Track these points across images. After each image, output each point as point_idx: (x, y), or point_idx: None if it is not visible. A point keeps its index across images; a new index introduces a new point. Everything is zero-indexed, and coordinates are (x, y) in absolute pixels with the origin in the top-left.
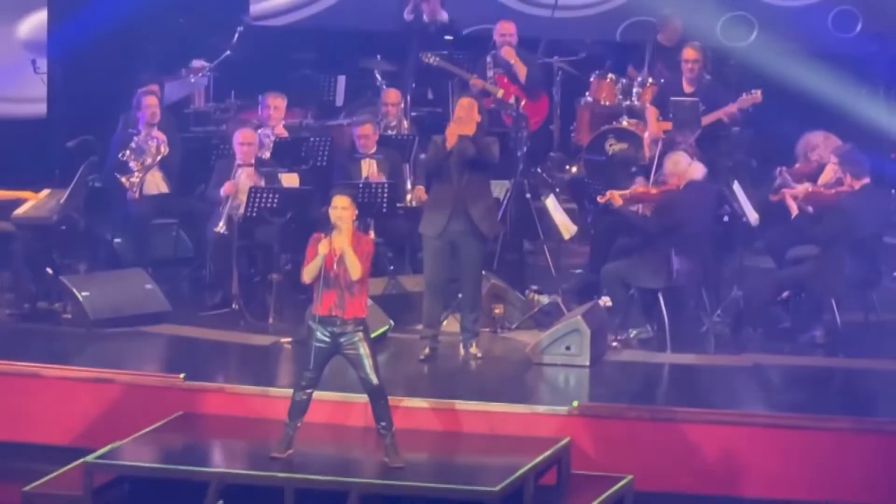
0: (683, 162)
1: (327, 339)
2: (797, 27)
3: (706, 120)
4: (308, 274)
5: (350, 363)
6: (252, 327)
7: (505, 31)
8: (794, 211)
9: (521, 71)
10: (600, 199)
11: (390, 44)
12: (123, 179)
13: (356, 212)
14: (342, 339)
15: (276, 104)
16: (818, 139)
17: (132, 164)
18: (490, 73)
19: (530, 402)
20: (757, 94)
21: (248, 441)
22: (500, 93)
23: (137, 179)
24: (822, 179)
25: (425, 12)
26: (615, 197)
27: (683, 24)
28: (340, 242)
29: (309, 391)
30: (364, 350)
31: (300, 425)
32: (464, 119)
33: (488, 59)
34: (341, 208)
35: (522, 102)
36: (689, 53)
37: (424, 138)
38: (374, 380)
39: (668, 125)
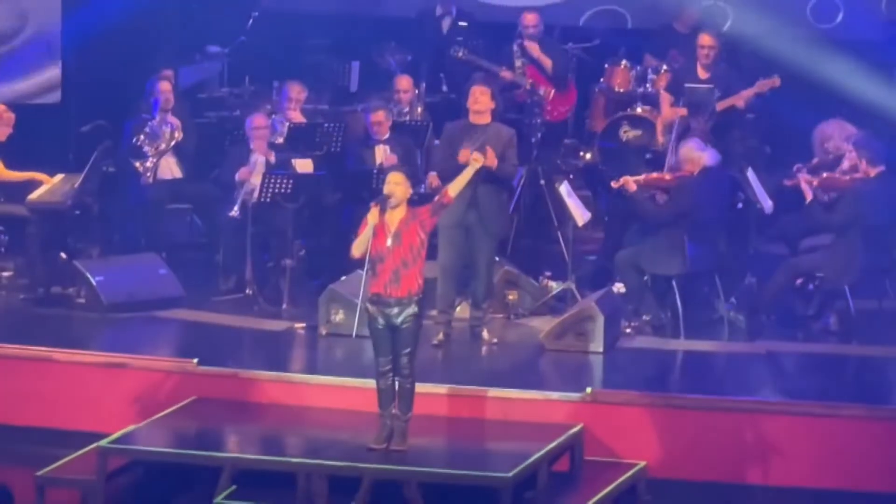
0: (697, 148)
1: (382, 322)
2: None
3: (722, 104)
4: (357, 248)
5: (398, 339)
6: (265, 313)
7: (529, 22)
8: (809, 196)
9: (546, 63)
10: (614, 185)
11: (405, 30)
12: (137, 164)
13: (410, 189)
14: (398, 319)
15: (298, 95)
16: (832, 129)
17: (146, 149)
18: (518, 64)
19: (543, 389)
20: (775, 79)
21: (262, 426)
22: (529, 83)
23: (151, 164)
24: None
25: (439, 5)
26: (629, 183)
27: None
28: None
29: (390, 376)
30: (410, 331)
31: (396, 413)
32: (479, 110)
33: (515, 48)
34: (394, 183)
35: (551, 92)
36: (704, 40)
37: (438, 125)
38: (408, 365)
39: (683, 111)
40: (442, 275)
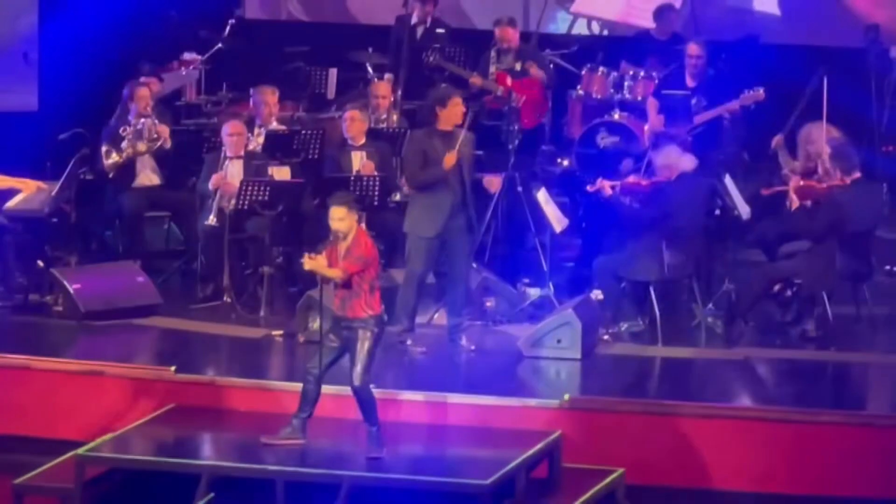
0: (674, 154)
1: (333, 338)
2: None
3: (708, 115)
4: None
5: (350, 354)
6: (243, 320)
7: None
8: (795, 203)
9: (539, 75)
10: (590, 188)
11: (382, 37)
12: (104, 149)
13: (356, 216)
14: (348, 335)
15: (270, 97)
16: (818, 132)
17: (124, 144)
18: (492, 70)
19: (521, 396)
20: (760, 92)
21: (239, 434)
22: (499, 90)
23: (119, 160)
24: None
25: (416, 12)
26: (605, 187)
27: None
28: (312, 266)
29: (314, 383)
30: (360, 349)
31: (305, 417)
32: (460, 122)
33: (492, 53)
34: (338, 219)
35: (522, 98)
36: (692, 49)
37: None
38: (357, 381)
39: (660, 118)
40: (412, 284)
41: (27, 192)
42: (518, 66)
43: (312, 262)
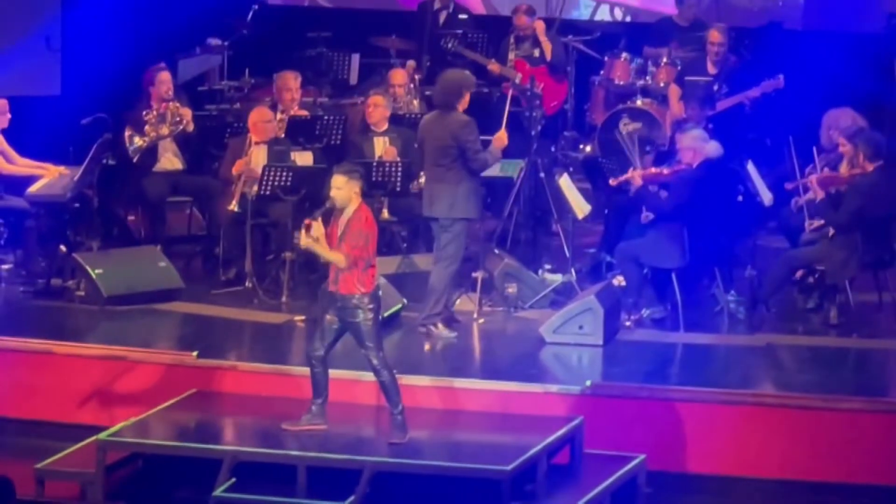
0: (701, 139)
1: (330, 318)
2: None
3: (728, 103)
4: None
5: (355, 338)
6: (265, 305)
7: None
8: (820, 195)
9: (547, 48)
10: (612, 182)
11: (405, 22)
12: (128, 133)
13: (355, 187)
14: (343, 314)
15: (293, 83)
16: (845, 119)
17: (147, 128)
18: (511, 57)
19: (543, 382)
20: (780, 80)
21: (261, 419)
22: (518, 77)
23: (143, 144)
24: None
25: None
26: (636, 177)
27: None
28: (308, 244)
29: (320, 366)
30: (364, 332)
31: (321, 402)
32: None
33: (511, 40)
34: (336, 188)
35: (541, 85)
36: (714, 36)
37: None
38: (373, 360)
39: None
40: (455, 267)
41: (49, 177)
42: (536, 53)
43: (308, 241)
